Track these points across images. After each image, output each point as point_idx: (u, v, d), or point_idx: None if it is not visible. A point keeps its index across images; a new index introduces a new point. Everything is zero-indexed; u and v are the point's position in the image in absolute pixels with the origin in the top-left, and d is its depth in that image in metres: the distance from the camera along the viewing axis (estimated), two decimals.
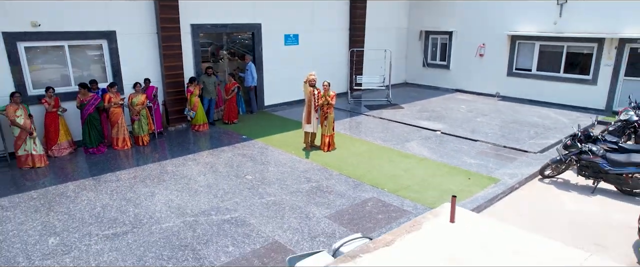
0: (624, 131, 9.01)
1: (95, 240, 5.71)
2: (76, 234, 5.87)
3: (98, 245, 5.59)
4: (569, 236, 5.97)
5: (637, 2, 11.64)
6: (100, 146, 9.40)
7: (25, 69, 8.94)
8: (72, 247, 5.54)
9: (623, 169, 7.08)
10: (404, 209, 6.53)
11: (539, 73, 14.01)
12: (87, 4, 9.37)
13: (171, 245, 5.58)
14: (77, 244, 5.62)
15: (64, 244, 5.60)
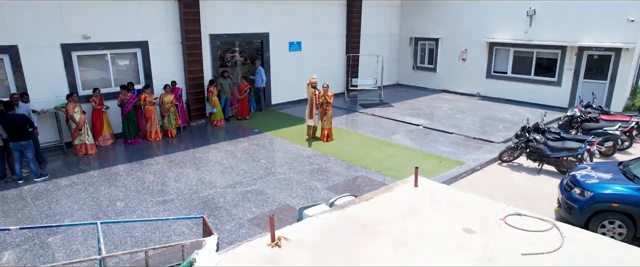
0: (571, 124, 10.90)
1: (151, 204, 7.60)
2: (135, 200, 7.76)
3: (154, 207, 7.47)
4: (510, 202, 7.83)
5: (593, 17, 13.52)
6: (136, 137, 11.29)
7: (77, 73, 10.83)
8: (136, 208, 7.43)
9: (559, 154, 8.97)
10: (385, 183, 8.40)
11: (513, 75, 15.90)
12: (125, 19, 11.26)
13: (209, 207, 7.46)
14: (138, 206, 7.51)
15: (128, 207, 7.49)
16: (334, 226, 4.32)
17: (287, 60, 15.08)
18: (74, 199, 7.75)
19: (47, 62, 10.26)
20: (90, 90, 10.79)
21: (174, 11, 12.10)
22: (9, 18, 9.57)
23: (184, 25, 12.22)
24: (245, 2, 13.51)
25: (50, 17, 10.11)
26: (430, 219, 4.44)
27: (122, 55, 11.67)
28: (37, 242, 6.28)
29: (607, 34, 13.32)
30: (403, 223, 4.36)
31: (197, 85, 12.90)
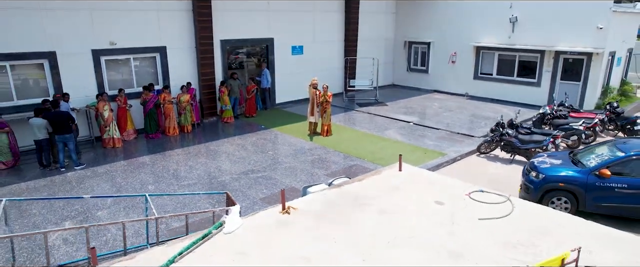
0: (543, 121, 12.29)
1: (177, 187, 8.98)
2: (163, 184, 9.14)
3: (180, 189, 8.86)
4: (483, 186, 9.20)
5: (567, 24, 14.90)
6: (157, 132, 12.68)
7: (104, 75, 12.22)
8: (165, 190, 8.81)
9: (528, 145, 10.35)
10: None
11: (498, 77, 17.28)
12: (146, 27, 12.65)
13: (226, 189, 8.84)
14: (167, 189, 8.89)
15: (159, 189, 8.86)
16: (331, 199, 5.68)
17: (290, 63, 16.46)
18: (111, 183, 9.13)
19: (79, 65, 11.65)
20: (116, 90, 12.18)
21: (189, 20, 13.48)
22: (48, 28, 10.96)
23: (198, 32, 13.60)
24: (252, 11, 14.90)
25: (83, 27, 11.50)
26: (409, 195, 5.81)
27: (143, 58, 13.06)
28: (89, 216, 7.66)
29: (579, 40, 14.70)
30: (387, 197, 5.73)
31: (209, 86, 14.28)
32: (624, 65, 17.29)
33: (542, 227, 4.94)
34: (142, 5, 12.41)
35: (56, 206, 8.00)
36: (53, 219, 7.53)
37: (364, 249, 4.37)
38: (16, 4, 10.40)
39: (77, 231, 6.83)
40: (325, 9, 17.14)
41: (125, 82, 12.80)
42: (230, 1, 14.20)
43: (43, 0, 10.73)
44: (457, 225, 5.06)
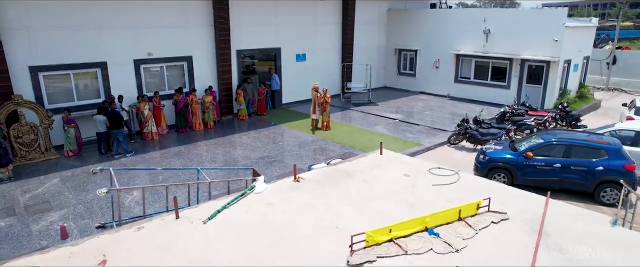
0: (504, 117, 14.93)
1: (211, 167, 11.63)
2: (200, 166, 11.78)
3: (212, 170, 11.51)
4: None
5: (530, 36, 17.54)
6: (185, 127, 15.33)
7: (143, 80, 14.88)
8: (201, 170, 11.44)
9: (486, 137, 13.00)
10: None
11: (475, 80, 19.93)
12: (176, 40, 15.29)
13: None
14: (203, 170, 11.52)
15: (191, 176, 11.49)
16: (328, 173, 8.32)
17: (294, 69, 19.11)
18: (158, 166, 11.78)
19: (124, 72, 14.30)
20: (152, 92, 14.83)
21: (211, 33, 16.13)
22: (102, 43, 13.61)
23: (218, 43, 16.25)
24: (263, 25, 17.55)
25: (127, 41, 14.15)
26: (385, 170, 8.47)
27: (173, 66, 15.71)
28: (156, 183, 10.31)
29: (540, 50, 17.35)
30: (369, 171, 8.38)
31: (227, 89, 16.93)
32: (581, 71, 19.91)
33: (476, 189, 7.58)
34: (173, 22, 15.07)
35: (133, 175, 10.64)
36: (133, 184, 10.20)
37: (351, 202, 7.03)
38: (77, 25, 13.05)
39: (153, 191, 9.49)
40: (324, 21, 19.79)
41: (159, 86, 15.44)
42: (244, 17, 16.85)
43: (98, 21, 13.38)
44: (416, 188, 7.71)
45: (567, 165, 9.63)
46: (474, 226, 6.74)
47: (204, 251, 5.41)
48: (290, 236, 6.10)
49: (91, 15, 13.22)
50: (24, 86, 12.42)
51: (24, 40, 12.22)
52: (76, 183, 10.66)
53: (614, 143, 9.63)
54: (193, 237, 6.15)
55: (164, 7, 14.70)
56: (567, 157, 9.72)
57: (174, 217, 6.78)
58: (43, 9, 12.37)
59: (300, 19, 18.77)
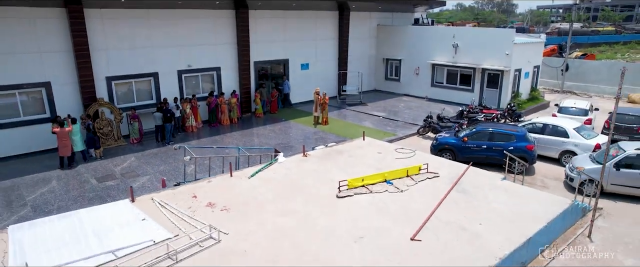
0: (462, 115, 19.33)
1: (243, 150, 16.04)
2: (234, 150, 16.19)
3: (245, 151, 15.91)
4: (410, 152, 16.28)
5: (488, 50, 21.94)
6: (216, 123, 19.75)
7: (184, 86, 19.30)
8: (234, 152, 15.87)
9: (444, 129, 17.41)
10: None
11: (447, 85, 24.34)
12: (209, 54, 19.71)
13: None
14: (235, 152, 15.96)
15: (232, 152, 15.92)
16: (327, 151, 12.93)
17: (300, 75, 23.53)
18: (204, 151, 16.18)
19: (170, 80, 18.73)
20: (190, 95, 19.24)
21: (234, 50, 20.55)
22: (155, 58, 18.03)
23: (240, 57, 20.66)
24: (274, 41, 21.98)
25: (173, 56, 18.58)
26: (365, 150, 13.06)
27: (206, 75, 20.14)
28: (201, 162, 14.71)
29: (496, 61, 21.77)
30: (354, 151, 12.97)
31: (247, 93, 21.34)
32: (532, 77, 24.29)
33: (423, 161, 12.11)
34: (206, 41, 19.50)
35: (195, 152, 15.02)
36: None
37: (340, 168, 11.55)
38: (138, 46, 17.48)
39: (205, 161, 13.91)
40: (323, 37, 24.23)
41: (195, 90, 19.87)
42: (260, 36, 21.27)
43: (152, 43, 17.82)
44: (384, 160, 12.27)
45: (490, 146, 14.04)
46: (415, 179, 11.46)
47: (250, 191, 9.98)
48: (302, 185, 10.78)
49: (147, 38, 17.67)
50: (102, 91, 16.86)
51: (103, 58, 16.66)
52: (147, 160, 15.10)
53: (521, 131, 14.07)
54: (243, 185, 10.80)
55: (199, 30, 19.15)
56: (490, 141, 14.15)
57: (229, 176, 11.50)
58: (116, 35, 16.82)
59: (304, 36, 23.20)
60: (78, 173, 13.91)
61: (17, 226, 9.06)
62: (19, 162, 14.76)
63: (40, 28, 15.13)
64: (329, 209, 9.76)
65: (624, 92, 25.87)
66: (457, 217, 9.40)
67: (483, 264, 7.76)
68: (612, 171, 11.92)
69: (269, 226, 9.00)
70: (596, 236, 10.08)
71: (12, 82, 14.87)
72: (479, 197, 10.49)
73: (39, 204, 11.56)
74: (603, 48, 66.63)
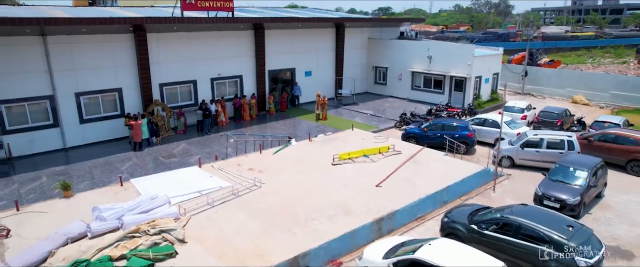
0: (431, 112, 24.90)
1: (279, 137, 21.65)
2: (257, 137, 21.80)
3: (269, 137, 21.52)
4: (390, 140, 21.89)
5: (455, 61, 27.51)
6: (239, 118, 25.35)
7: (215, 90, 24.91)
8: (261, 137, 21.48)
9: (415, 123, 23.01)
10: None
11: (423, 88, 29.93)
12: (233, 64, 25.30)
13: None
14: (259, 140, 21.57)
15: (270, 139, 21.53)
16: (326, 138, 18.80)
17: (304, 81, 29.10)
18: (240, 137, 21.76)
19: (205, 85, 24.33)
20: (220, 97, 24.83)
21: (253, 61, 26.13)
22: (194, 69, 23.62)
23: (257, 66, 26.25)
24: (284, 53, 27.56)
25: (207, 67, 24.17)
26: (353, 138, 18.87)
27: (231, 82, 25.73)
28: (235, 146, 20.29)
29: (460, 70, 27.36)
30: (345, 138, 18.81)
31: (262, 95, 26.91)
32: (492, 83, 29.84)
33: (391, 141, 17.79)
34: (232, 55, 25.08)
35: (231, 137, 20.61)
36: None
37: (335, 149, 17.28)
38: (182, 60, 23.06)
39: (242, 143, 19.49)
40: (323, 49, 29.81)
41: (223, 93, 25.45)
42: (273, 49, 26.82)
43: (192, 56, 23.42)
44: (365, 144, 17.99)
45: (442, 134, 19.61)
46: (384, 155, 17.26)
47: (275, 162, 15.92)
48: (309, 158, 16.72)
49: (189, 54, 23.26)
50: (157, 94, 22.44)
51: (158, 70, 22.23)
52: (194, 144, 20.68)
53: (464, 124, 19.67)
54: (270, 159, 16.69)
55: (226, 47, 24.74)
56: (442, 130, 19.73)
57: (259, 153, 17.34)
58: (167, 53, 22.39)
59: (307, 48, 28.79)
60: (148, 153, 19.51)
61: (134, 179, 14.73)
62: (102, 146, 20.35)
63: (116, 48, 20.70)
64: (326, 171, 15.43)
65: (569, 94, 31.54)
66: (407, 176, 15.06)
67: (416, 198, 13.39)
68: (519, 150, 17.54)
69: (289, 180, 14.66)
70: (498, 189, 15.70)
71: (97, 88, 20.45)
72: (424, 165, 16.15)
73: (130, 172, 17.12)
74: (581, 52, 72.08)
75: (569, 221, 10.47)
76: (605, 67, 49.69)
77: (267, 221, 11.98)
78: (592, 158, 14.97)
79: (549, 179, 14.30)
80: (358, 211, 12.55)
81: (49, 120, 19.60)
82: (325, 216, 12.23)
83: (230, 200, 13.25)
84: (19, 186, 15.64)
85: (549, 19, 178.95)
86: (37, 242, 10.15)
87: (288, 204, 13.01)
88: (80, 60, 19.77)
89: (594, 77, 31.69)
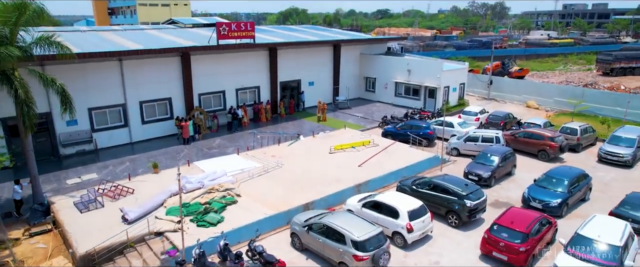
0: (407, 115, 31.92)
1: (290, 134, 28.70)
2: (275, 133, 28.85)
3: (284, 133, 28.56)
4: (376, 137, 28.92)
5: (428, 74, 34.54)
6: (258, 119, 32.40)
7: (238, 98, 31.96)
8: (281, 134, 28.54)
9: (393, 124, 30.06)
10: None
11: (404, 95, 36.95)
12: (252, 77, 32.35)
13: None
14: (277, 135, 28.62)
15: (274, 134, 28.57)
16: (325, 135, 25.96)
17: (308, 90, 36.14)
18: (262, 135, 28.79)
19: (231, 95, 31.39)
20: (242, 103, 31.86)
21: (268, 74, 33.19)
22: (223, 81, 30.67)
23: (271, 79, 33.30)
24: (292, 68, 34.62)
25: (232, 79, 31.21)
26: (345, 135, 26.07)
27: (251, 91, 32.77)
28: (259, 140, 27.31)
29: (432, 81, 34.40)
30: (339, 135, 25.97)
31: (274, 101, 33.93)
32: (459, 91, 36.82)
33: (373, 137, 24.95)
34: (251, 70, 32.13)
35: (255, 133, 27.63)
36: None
37: (333, 141, 24.47)
38: (214, 74, 30.11)
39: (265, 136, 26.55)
40: (323, 63, 36.86)
41: (245, 100, 32.48)
42: (283, 64, 33.87)
43: (221, 71, 30.47)
44: (354, 139, 25.14)
45: (410, 132, 26.61)
46: (366, 147, 24.65)
47: (289, 151, 23.45)
48: (313, 149, 24.38)
49: (219, 69, 30.31)
50: (196, 101, 29.48)
51: (197, 82, 29.26)
52: (227, 140, 27.71)
53: (426, 124, 26.72)
54: (285, 150, 24.43)
55: (247, 64, 31.80)
56: (410, 129, 26.75)
57: (277, 145, 24.74)
58: (204, 69, 29.43)
59: (310, 62, 35.83)
60: (194, 146, 26.53)
61: (196, 162, 21.82)
62: (158, 141, 27.36)
63: (167, 68, 27.72)
64: (325, 158, 22.56)
65: (524, 100, 38.60)
66: (380, 160, 22.18)
67: (383, 173, 20.48)
68: (463, 143, 24.59)
69: (299, 163, 21.78)
70: (444, 169, 22.74)
71: (154, 98, 27.49)
72: (393, 154, 23.25)
73: (186, 158, 24.12)
74: (558, 58, 79.13)
75: (466, 182, 17.57)
76: (570, 74, 56.75)
77: (287, 186, 19.02)
78: (504, 148, 22.08)
79: (474, 162, 21.37)
80: (345, 180, 19.60)
81: (121, 121, 26.66)
82: (324, 183, 19.27)
83: (262, 174, 20.30)
84: (113, 167, 22.69)
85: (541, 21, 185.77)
86: (155, 196, 17.18)
87: (300, 177, 20.06)
88: (142, 76, 26.81)
89: (543, 87, 38.78)
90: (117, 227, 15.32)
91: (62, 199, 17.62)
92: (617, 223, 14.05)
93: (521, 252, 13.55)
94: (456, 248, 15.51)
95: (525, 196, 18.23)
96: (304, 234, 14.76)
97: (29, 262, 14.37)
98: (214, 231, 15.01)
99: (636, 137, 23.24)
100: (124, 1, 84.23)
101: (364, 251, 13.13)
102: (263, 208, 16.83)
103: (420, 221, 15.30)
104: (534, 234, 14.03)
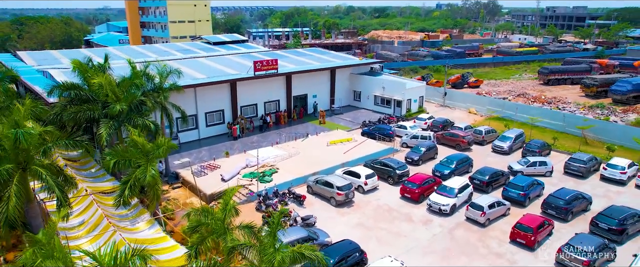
0: (381, 120, 46.88)
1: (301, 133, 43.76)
2: (292, 132, 43.83)
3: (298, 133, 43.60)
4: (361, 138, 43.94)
5: (396, 90, 49.48)
6: (278, 123, 47.44)
7: (261, 108, 47.02)
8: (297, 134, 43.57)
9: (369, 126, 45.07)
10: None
11: (381, 105, 51.88)
12: (273, 94, 47.37)
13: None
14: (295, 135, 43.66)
15: (294, 133, 43.60)
16: (325, 134, 41.29)
17: (312, 101, 51.09)
18: (284, 132, 43.77)
19: (260, 106, 46.44)
20: (268, 112, 46.88)
21: (285, 90, 48.18)
22: (255, 96, 45.70)
23: (287, 93, 48.29)
24: (301, 85, 49.61)
25: (261, 95, 46.24)
26: (337, 133, 41.40)
27: (273, 103, 47.78)
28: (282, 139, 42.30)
29: (398, 95, 49.35)
30: (333, 134, 41.29)
31: (289, 109, 48.91)
32: (419, 102, 51.60)
33: (354, 137, 40.22)
34: (274, 89, 47.13)
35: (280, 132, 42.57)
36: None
37: (330, 138, 39.80)
38: (250, 93, 45.15)
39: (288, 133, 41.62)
40: (323, 82, 51.82)
41: (268, 109, 47.48)
42: (295, 83, 48.80)
43: (253, 89, 45.46)
44: (343, 136, 40.45)
45: (378, 132, 41.54)
46: (350, 142, 40.61)
47: (303, 145, 39.33)
48: (318, 143, 40.45)
49: (253, 90, 45.32)
50: (238, 111, 44.53)
51: (239, 98, 44.28)
52: (261, 137, 42.75)
53: (389, 127, 41.74)
54: (300, 143, 40.25)
55: (271, 85, 46.80)
56: (378, 131, 41.72)
57: (294, 140, 40.63)
58: (244, 90, 44.44)
59: (314, 82, 50.76)
60: (240, 142, 41.54)
61: (249, 151, 37.18)
62: (215, 138, 42.38)
63: (223, 90, 42.66)
64: (324, 148, 37.94)
65: (467, 107, 53.58)
66: (357, 150, 37.48)
67: (358, 156, 35.75)
68: (410, 139, 39.70)
69: (309, 152, 37.18)
70: (396, 156, 37.87)
71: (213, 109, 42.52)
72: (366, 146, 38.49)
73: (239, 149, 39.10)
74: (522, 66, 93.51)
75: (400, 161, 32.80)
76: (517, 83, 71.54)
77: (304, 164, 34.15)
78: (429, 142, 37.21)
79: (410, 151, 36.51)
80: (336, 161, 34.74)
81: (194, 125, 41.76)
82: (324, 163, 34.38)
83: (288, 158, 35.42)
84: (196, 154, 37.78)
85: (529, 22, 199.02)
86: (233, 168, 32.36)
87: (310, 159, 35.24)
88: (207, 95, 41.84)
89: (480, 98, 53.81)
90: (219, 184, 30.46)
91: (182, 171, 32.80)
92: (463, 180, 29.24)
93: (416, 193, 28.78)
94: (389, 194, 30.67)
95: (433, 169, 33.41)
96: (313, 185, 29.92)
97: (178, 200, 29.50)
98: (269, 185, 30.20)
99: (513, 136, 38.21)
100: (153, 1, 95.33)
101: (342, 191, 28.27)
102: (291, 175, 32.01)
103: (372, 180, 30.45)
104: (424, 184, 29.20)
